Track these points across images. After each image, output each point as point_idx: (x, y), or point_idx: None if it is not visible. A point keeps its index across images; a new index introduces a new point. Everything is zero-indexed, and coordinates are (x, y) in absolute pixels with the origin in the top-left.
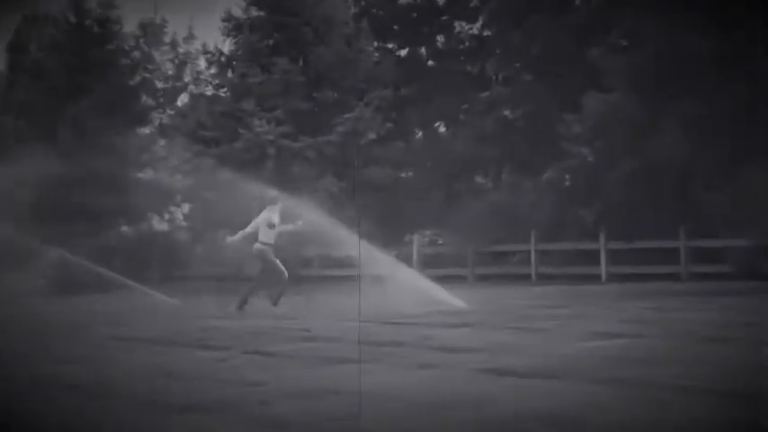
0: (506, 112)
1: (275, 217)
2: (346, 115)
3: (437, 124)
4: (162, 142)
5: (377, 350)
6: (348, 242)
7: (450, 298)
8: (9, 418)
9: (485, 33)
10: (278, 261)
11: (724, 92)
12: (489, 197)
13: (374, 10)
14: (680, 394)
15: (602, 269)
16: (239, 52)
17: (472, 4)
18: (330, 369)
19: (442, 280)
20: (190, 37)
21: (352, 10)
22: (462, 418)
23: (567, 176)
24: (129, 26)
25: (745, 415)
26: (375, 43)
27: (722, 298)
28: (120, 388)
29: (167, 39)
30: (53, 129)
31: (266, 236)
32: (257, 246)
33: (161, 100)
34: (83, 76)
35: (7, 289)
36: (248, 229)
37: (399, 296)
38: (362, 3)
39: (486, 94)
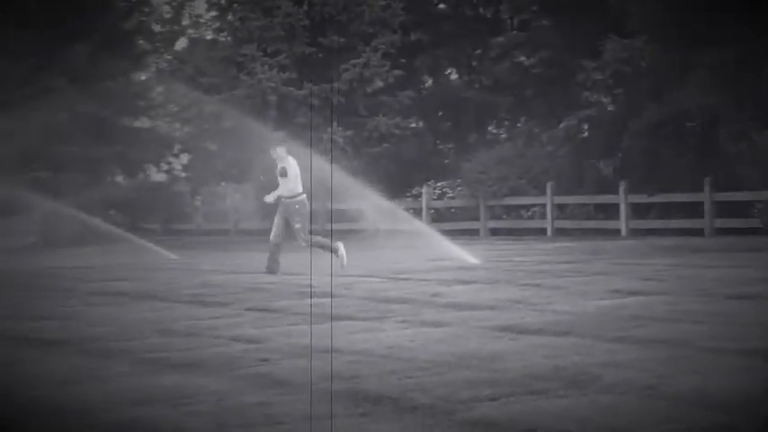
0: (522, 59)
1: (279, 164)
2: (353, 61)
3: (448, 71)
4: (159, 89)
5: (383, 307)
6: (355, 194)
7: (460, 253)
8: None
9: None
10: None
11: (752, 40)
12: (503, 148)
13: None
14: (705, 353)
15: (622, 224)
16: None
17: None
18: (330, 326)
19: (452, 234)
20: None
21: None
22: (473, 378)
23: (586, 126)
24: None
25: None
26: None
27: (749, 254)
28: (112, 344)
29: None
30: (45, 75)
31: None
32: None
33: (158, 44)
34: (76, 19)
35: None
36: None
37: (407, 251)
38: None
39: (501, 39)
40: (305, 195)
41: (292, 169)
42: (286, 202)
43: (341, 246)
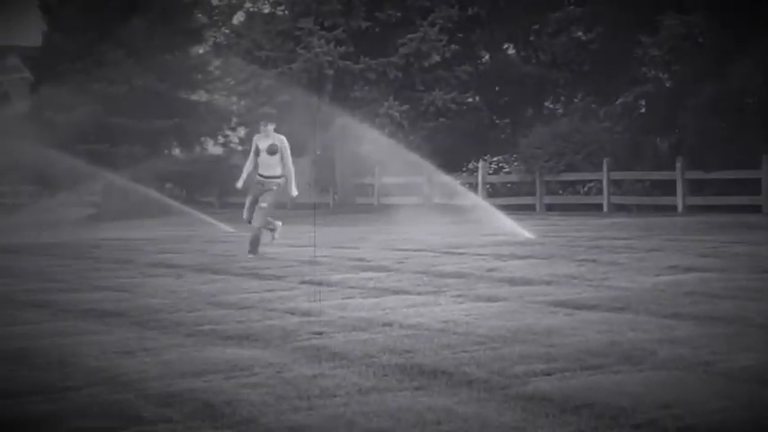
0: (579, 34)
1: (267, 141)
2: (410, 36)
3: (505, 46)
4: (216, 62)
5: (437, 281)
6: (411, 168)
7: (516, 228)
8: (49, 344)
9: None
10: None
11: None
12: (560, 123)
13: None
14: (761, 330)
15: (679, 200)
16: None
17: None
18: (384, 300)
19: (508, 209)
20: None
21: None
22: (528, 352)
23: (643, 102)
24: None
25: None
26: None
27: None
28: (167, 316)
29: None
30: (103, 48)
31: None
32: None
33: (215, 18)
34: None
35: (56, 215)
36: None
37: (463, 225)
38: None
39: (558, 14)
40: (284, 179)
41: (282, 149)
42: (265, 180)
43: (279, 224)
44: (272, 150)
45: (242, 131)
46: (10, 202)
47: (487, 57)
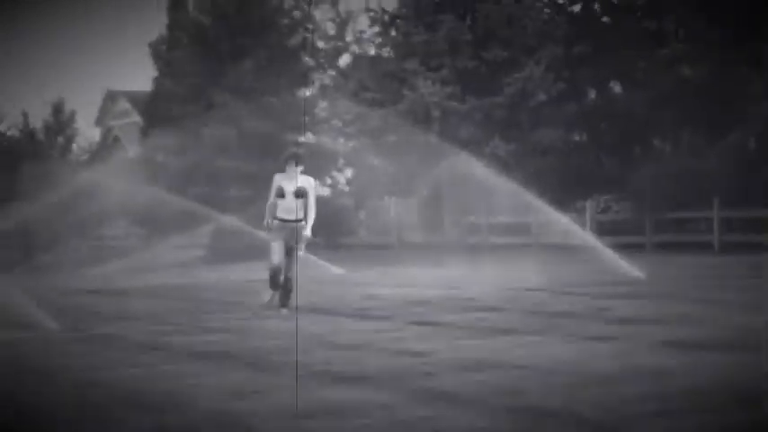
0: (686, 71)
1: (294, 182)
2: (515, 75)
3: (612, 84)
4: (323, 104)
5: (549, 321)
6: (518, 208)
7: (626, 267)
8: (164, 386)
9: None
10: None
11: None
12: (668, 161)
13: None
14: None
15: None
16: (403, 10)
17: None
18: (495, 340)
19: (617, 248)
20: None
21: None
22: (641, 392)
23: (753, 139)
24: None
25: None
26: None
27: None
28: (278, 357)
29: None
30: (212, 92)
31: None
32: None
33: (322, 60)
34: (243, 37)
35: (166, 257)
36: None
37: (571, 265)
38: None
39: (665, 51)
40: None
41: (309, 193)
42: (291, 225)
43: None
44: (300, 194)
45: (349, 172)
46: (121, 245)
47: (594, 94)
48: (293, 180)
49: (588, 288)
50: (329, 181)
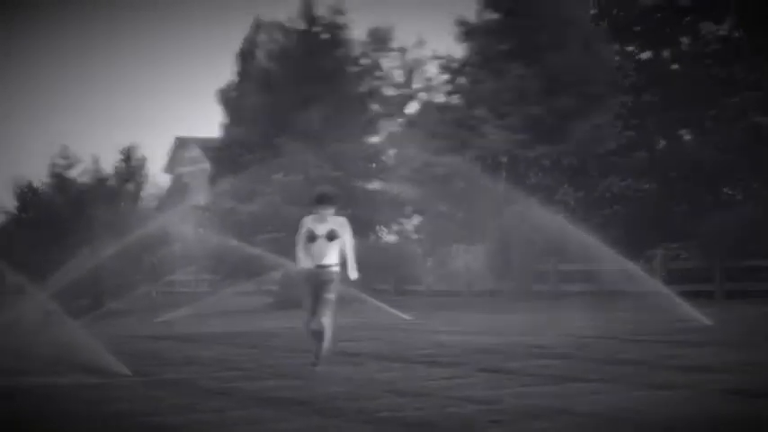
0: (757, 119)
1: (325, 225)
2: (584, 122)
3: (681, 132)
4: (391, 151)
5: (615, 369)
6: (587, 255)
7: (695, 315)
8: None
9: (733, 35)
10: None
11: None
12: (739, 209)
13: (614, 10)
14: None
15: None
16: (472, 57)
17: (719, 4)
18: (562, 387)
19: (687, 296)
20: (419, 43)
21: (591, 11)
22: None
23: None
24: (358, 32)
25: None
26: (615, 46)
27: None
28: (346, 404)
29: (396, 45)
30: (281, 139)
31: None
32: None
33: (390, 107)
34: (311, 84)
35: (235, 304)
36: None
37: (641, 312)
38: (602, 3)
39: (735, 99)
40: (339, 268)
41: (343, 235)
42: (321, 271)
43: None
44: (331, 236)
45: (416, 219)
46: (191, 291)
47: (663, 142)
48: (324, 222)
49: (656, 336)
50: (396, 228)
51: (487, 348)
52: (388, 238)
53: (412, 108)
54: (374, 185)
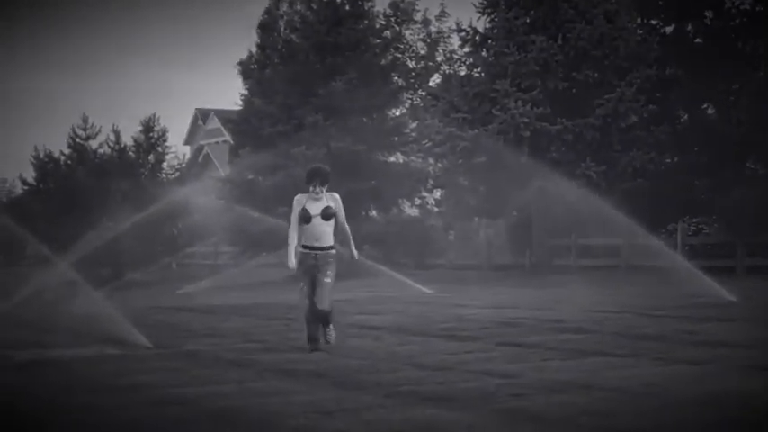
0: None
1: (320, 203)
2: (607, 96)
3: (705, 106)
4: (413, 124)
5: (637, 344)
6: (608, 229)
7: (717, 289)
8: (252, 404)
9: (757, 8)
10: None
11: None
12: (762, 184)
13: None
14: None
15: None
16: (494, 30)
17: None
18: (583, 362)
19: (708, 271)
20: (442, 15)
21: None
22: (731, 417)
23: None
24: (380, 4)
25: None
26: (638, 20)
27: None
28: (366, 377)
29: (419, 17)
30: (302, 112)
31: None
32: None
33: (412, 80)
34: (333, 56)
35: (255, 276)
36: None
37: (662, 287)
38: None
39: (760, 74)
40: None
41: (338, 212)
42: (319, 253)
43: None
44: (327, 215)
45: (438, 193)
46: (212, 264)
47: (686, 117)
48: (319, 201)
49: (678, 311)
50: (418, 201)
51: (508, 322)
52: (410, 211)
53: (434, 81)
54: (396, 158)
